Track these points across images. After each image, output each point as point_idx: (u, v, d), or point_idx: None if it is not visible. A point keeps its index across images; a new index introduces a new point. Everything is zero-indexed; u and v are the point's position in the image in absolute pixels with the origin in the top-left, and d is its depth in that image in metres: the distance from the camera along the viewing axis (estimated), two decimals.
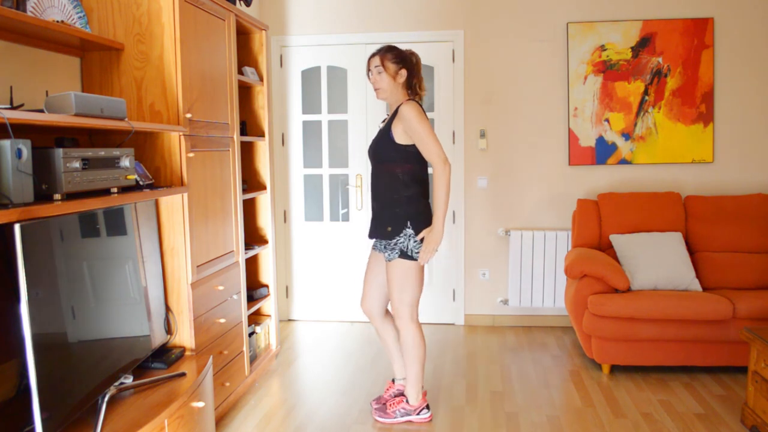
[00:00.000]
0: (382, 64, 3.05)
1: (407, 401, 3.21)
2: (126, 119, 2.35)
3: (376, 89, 3.10)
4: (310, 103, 5.03)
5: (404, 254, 3.04)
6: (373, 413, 3.25)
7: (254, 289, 3.98)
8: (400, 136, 3.02)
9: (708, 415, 3.23)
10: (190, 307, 2.86)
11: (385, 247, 3.12)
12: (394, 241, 3.05)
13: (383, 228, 3.07)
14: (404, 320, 3.12)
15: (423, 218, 3.07)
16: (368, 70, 3.11)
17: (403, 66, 3.07)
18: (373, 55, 3.09)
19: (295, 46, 4.95)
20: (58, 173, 1.98)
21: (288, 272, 5.14)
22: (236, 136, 3.49)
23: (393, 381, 3.40)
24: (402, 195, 3.04)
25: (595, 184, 4.76)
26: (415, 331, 3.14)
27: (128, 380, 2.46)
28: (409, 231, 3.03)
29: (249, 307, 3.72)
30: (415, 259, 3.05)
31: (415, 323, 3.14)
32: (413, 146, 3.03)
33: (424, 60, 4.79)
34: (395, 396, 3.33)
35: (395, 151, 3.04)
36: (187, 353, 2.87)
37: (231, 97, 3.41)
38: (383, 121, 3.25)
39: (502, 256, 4.86)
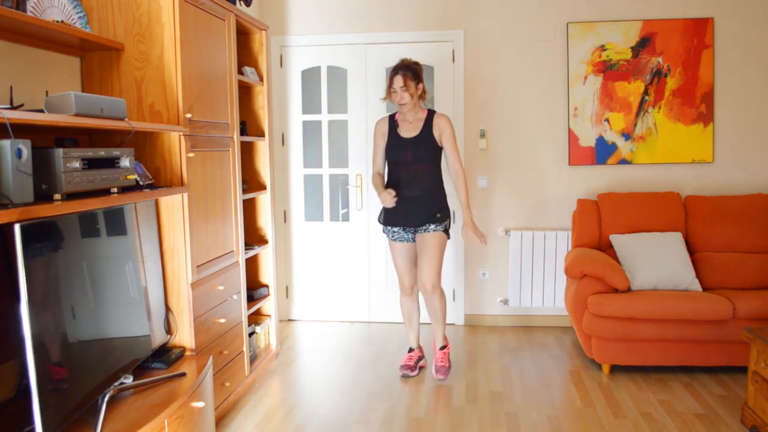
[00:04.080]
0: (405, 84, 3.56)
1: (446, 346, 3.88)
2: (126, 119, 2.35)
3: (401, 104, 3.61)
4: (310, 103, 5.03)
5: (446, 231, 3.73)
6: (436, 376, 3.75)
7: (254, 289, 3.98)
8: (439, 140, 3.67)
9: (708, 415, 3.23)
10: (190, 307, 2.86)
11: (426, 228, 3.67)
12: (440, 221, 3.71)
13: (433, 214, 3.67)
14: (439, 287, 3.74)
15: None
16: (390, 87, 3.61)
17: (421, 81, 3.63)
18: (395, 74, 3.58)
19: (295, 46, 4.95)
20: (58, 173, 1.98)
21: (288, 272, 5.14)
22: (236, 136, 3.49)
23: (410, 350, 3.91)
24: (442, 187, 3.74)
25: (595, 184, 4.76)
26: (443, 292, 3.84)
27: (128, 380, 2.46)
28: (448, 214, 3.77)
29: (249, 307, 3.72)
30: (450, 237, 3.81)
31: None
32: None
33: (424, 60, 4.81)
34: (419, 359, 3.90)
35: (437, 153, 3.70)
36: (187, 353, 2.87)
37: (231, 97, 3.41)
38: (395, 127, 3.73)
39: (502, 256, 4.86)
